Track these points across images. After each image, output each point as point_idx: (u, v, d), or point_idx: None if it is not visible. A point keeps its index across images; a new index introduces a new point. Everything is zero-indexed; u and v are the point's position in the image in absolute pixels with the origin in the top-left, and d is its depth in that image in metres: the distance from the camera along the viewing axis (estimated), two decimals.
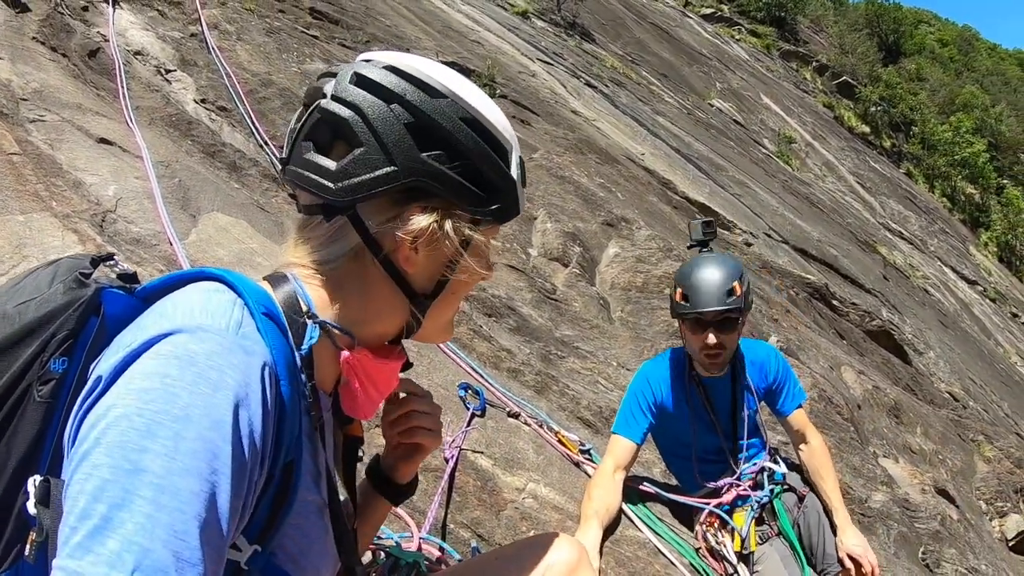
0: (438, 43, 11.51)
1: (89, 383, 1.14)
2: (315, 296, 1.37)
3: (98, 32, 7.13)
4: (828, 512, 3.86)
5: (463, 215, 1.39)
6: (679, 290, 3.74)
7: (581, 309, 6.25)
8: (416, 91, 1.36)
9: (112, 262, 1.43)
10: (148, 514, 0.97)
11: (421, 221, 1.34)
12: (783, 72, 30.85)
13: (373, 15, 11.24)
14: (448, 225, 1.36)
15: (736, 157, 15.93)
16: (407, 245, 1.35)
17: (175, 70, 7.26)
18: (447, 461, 3.57)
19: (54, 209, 4.15)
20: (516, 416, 4.25)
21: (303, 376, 1.29)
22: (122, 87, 6.27)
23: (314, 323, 1.32)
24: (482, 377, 4.57)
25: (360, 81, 1.37)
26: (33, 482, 1.14)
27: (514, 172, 1.44)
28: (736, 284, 3.68)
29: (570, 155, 9.45)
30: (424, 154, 1.34)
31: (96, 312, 1.30)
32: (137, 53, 7.20)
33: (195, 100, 6.95)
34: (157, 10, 8.15)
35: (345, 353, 1.38)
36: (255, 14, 9.04)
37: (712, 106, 20.43)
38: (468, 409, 4.00)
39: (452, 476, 3.51)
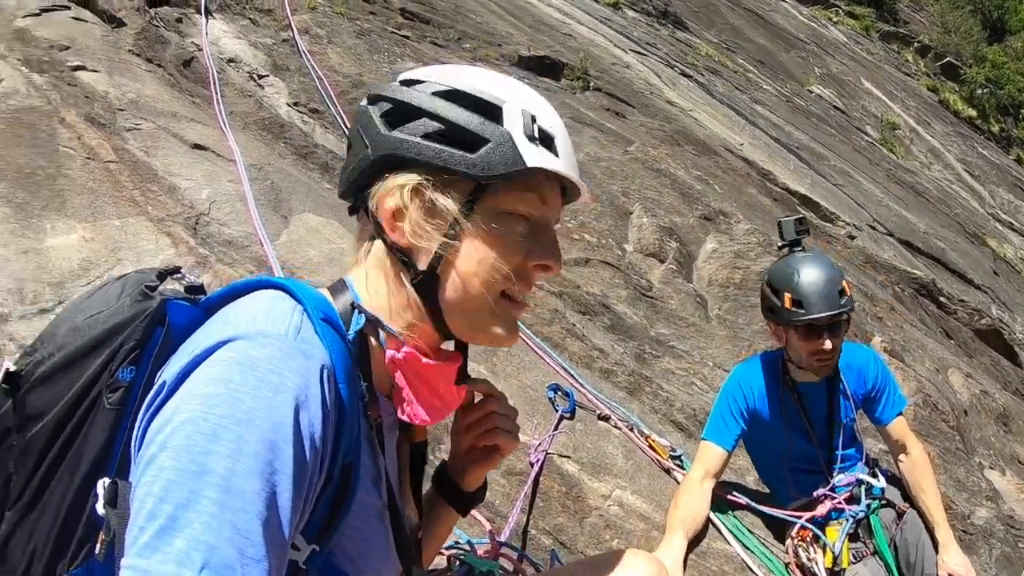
0: (530, 37, 11.44)
1: (154, 389, 1.18)
2: (360, 293, 1.41)
3: (192, 42, 7.29)
4: (929, 529, 3.65)
5: (443, 178, 1.36)
6: (787, 296, 3.55)
7: (677, 307, 6.08)
8: (397, 86, 1.42)
9: (179, 275, 1.49)
10: (214, 513, 1.00)
11: (385, 184, 1.37)
12: (883, 55, 29.76)
13: (463, 12, 11.24)
14: (411, 183, 1.36)
15: (838, 145, 15.42)
16: (388, 215, 1.37)
17: (268, 75, 7.37)
18: (532, 465, 3.52)
19: (149, 213, 4.23)
20: (606, 419, 4.16)
21: (360, 378, 1.30)
22: (216, 94, 6.38)
23: (359, 312, 1.35)
24: (573, 377, 4.48)
25: (368, 97, 1.47)
26: (102, 484, 1.20)
27: (509, 124, 1.36)
28: (845, 284, 3.53)
29: (666, 147, 9.25)
30: (394, 130, 1.38)
31: (161, 323, 1.36)
32: (230, 60, 7.34)
33: (288, 103, 7.04)
34: (249, 18, 8.30)
35: (391, 352, 1.37)
36: (345, 17, 9.13)
37: (811, 93, 19.87)
38: (557, 411, 3.93)
39: (536, 480, 3.45)
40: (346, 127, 6.83)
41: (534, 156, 1.35)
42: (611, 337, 5.37)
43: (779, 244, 3.96)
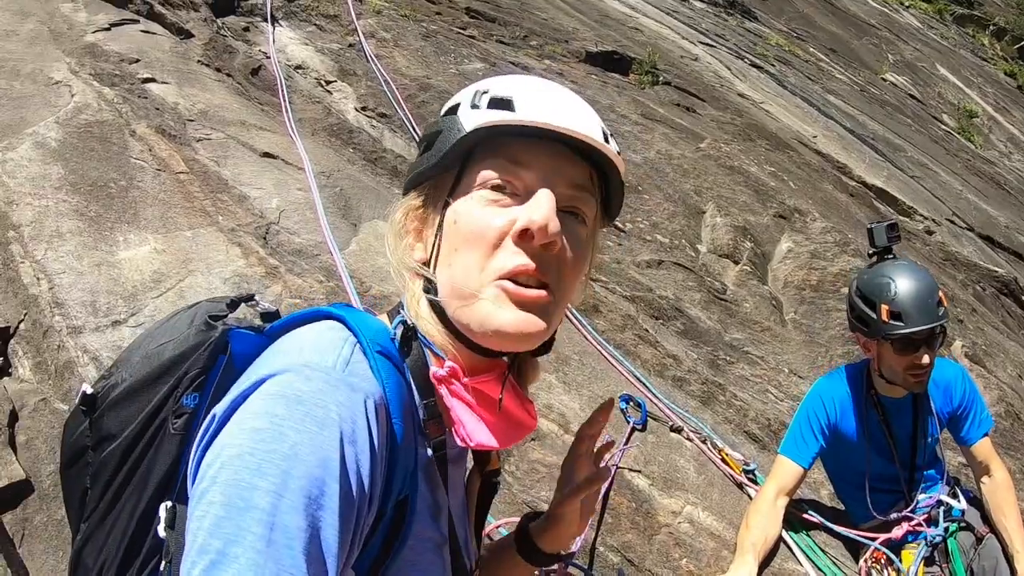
0: (596, 33, 11.33)
1: (205, 421, 1.18)
2: (410, 312, 1.38)
3: (259, 50, 7.39)
4: (1008, 556, 3.49)
5: (431, 186, 1.37)
6: (884, 307, 3.36)
7: (752, 310, 5.93)
8: None
9: (253, 302, 1.53)
10: (259, 549, 1.00)
11: (397, 205, 1.41)
12: (958, 39, 28.75)
13: (529, 9, 11.18)
14: (406, 201, 1.39)
15: (914, 135, 14.95)
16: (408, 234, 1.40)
17: (335, 81, 7.42)
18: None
19: (220, 224, 4.27)
20: (679, 431, 4.09)
21: (418, 409, 1.28)
22: (284, 101, 6.43)
23: (403, 333, 1.31)
24: (645, 387, 4.40)
25: None
26: (165, 507, 1.28)
27: (463, 111, 1.31)
28: (941, 294, 3.36)
29: (738, 142, 9.07)
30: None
31: (224, 351, 1.39)
32: (298, 67, 7.40)
33: (356, 108, 7.06)
34: (315, 24, 8.38)
35: (434, 369, 1.31)
36: (411, 19, 9.15)
37: (885, 81, 19.36)
38: (629, 423, 3.86)
39: (606, 496, 3.39)
40: (415, 130, 6.84)
41: (472, 120, 1.28)
42: (684, 343, 5.27)
43: (869, 251, 3.72)
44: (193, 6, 7.45)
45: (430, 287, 1.32)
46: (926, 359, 3.36)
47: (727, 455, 4.04)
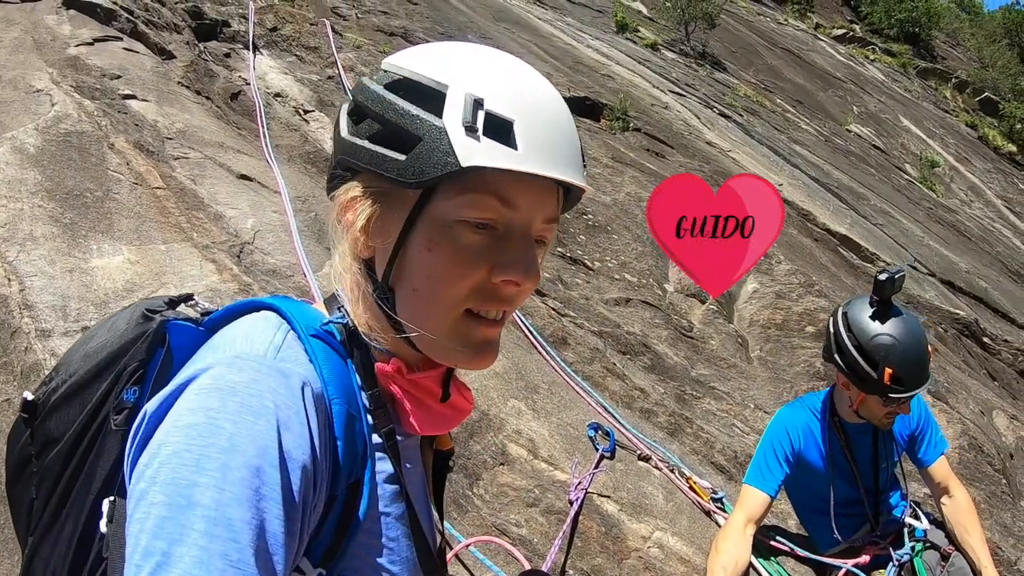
0: (569, 78, 11.50)
1: (138, 418, 1.14)
2: (350, 305, 1.32)
3: (240, 76, 7.43)
4: (976, 572, 3.55)
5: (388, 185, 1.20)
6: (889, 372, 3.30)
7: (718, 347, 6.01)
8: (367, 78, 1.26)
9: (192, 302, 1.50)
10: (203, 547, 0.97)
11: (338, 192, 1.26)
12: (921, 92, 29.44)
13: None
14: (352, 193, 1.24)
15: (877, 184, 15.25)
16: (346, 225, 1.26)
17: (313, 110, 7.47)
18: (571, 504, 3.47)
19: (195, 240, 4.27)
20: (647, 459, 4.12)
21: (361, 389, 1.26)
22: (262, 127, 6.47)
23: (342, 326, 1.28)
24: (613, 417, 4.43)
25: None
26: (108, 502, 1.23)
27: (447, 114, 1.15)
28: (930, 347, 3.40)
29: None
30: (351, 133, 1.22)
31: (162, 343, 1.36)
32: (277, 95, 7.45)
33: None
34: (295, 55, 8.45)
35: (379, 365, 1.30)
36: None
37: (850, 131, 19.75)
38: (597, 450, 3.90)
39: (576, 520, 3.40)
40: None
41: (471, 152, 1.13)
42: (651, 377, 5.32)
43: (872, 299, 3.53)
44: (176, 29, 7.50)
45: (379, 290, 1.26)
46: (908, 407, 3.41)
47: (695, 483, 4.07)
